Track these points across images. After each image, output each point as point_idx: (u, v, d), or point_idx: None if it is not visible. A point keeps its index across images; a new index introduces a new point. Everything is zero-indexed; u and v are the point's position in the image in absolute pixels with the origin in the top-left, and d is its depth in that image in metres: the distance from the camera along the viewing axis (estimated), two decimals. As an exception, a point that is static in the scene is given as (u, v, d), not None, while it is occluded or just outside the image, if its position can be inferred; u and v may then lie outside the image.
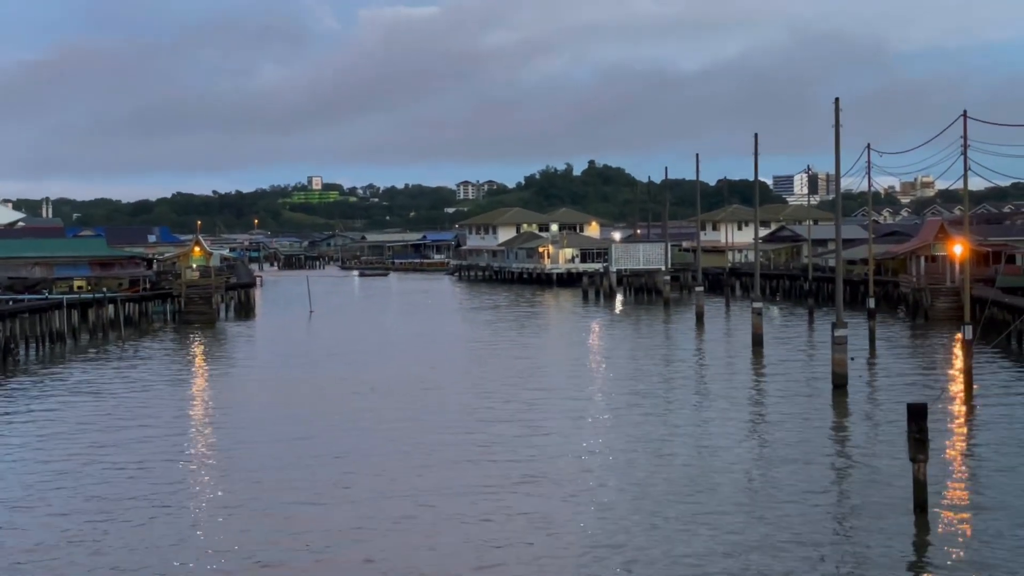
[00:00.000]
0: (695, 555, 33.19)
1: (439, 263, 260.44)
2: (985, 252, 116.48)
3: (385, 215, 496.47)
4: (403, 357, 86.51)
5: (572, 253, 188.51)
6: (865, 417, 56.68)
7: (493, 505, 39.42)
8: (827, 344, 70.78)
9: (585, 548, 34.00)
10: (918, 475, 36.65)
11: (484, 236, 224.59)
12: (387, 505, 39.47)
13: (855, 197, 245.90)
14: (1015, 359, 77.70)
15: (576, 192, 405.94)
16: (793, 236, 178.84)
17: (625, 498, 40.12)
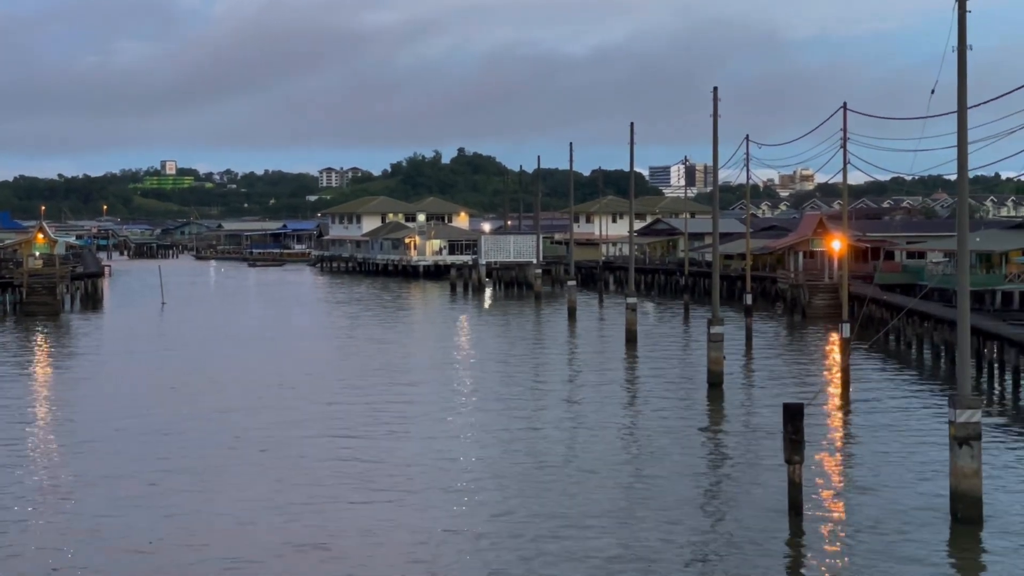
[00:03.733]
0: (564, 559, 31.51)
1: (300, 253, 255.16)
2: (864, 248, 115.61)
3: (243, 202, 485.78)
4: (256, 353, 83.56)
5: (440, 244, 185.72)
6: (740, 417, 55.11)
7: (336, 508, 37.12)
8: (703, 341, 68.94)
9: (443, 556, 31.97)
10: (793, 476, 35.53)
11: (348, 226, 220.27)
12: (208, 515, 37.07)
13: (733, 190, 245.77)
14: (893, 357, 76.41)
15: (445, 181, 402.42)
16: (669, 229, 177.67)
17: (493, 502, 38.09)
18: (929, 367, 71.52)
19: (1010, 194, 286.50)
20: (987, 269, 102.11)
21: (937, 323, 73.14)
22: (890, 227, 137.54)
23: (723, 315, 66.69)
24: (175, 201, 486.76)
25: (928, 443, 46.83)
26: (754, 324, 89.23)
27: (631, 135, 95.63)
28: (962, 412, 34.82)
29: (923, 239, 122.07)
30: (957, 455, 34.82)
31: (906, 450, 46.31)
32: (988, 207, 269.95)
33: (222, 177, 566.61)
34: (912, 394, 61.20)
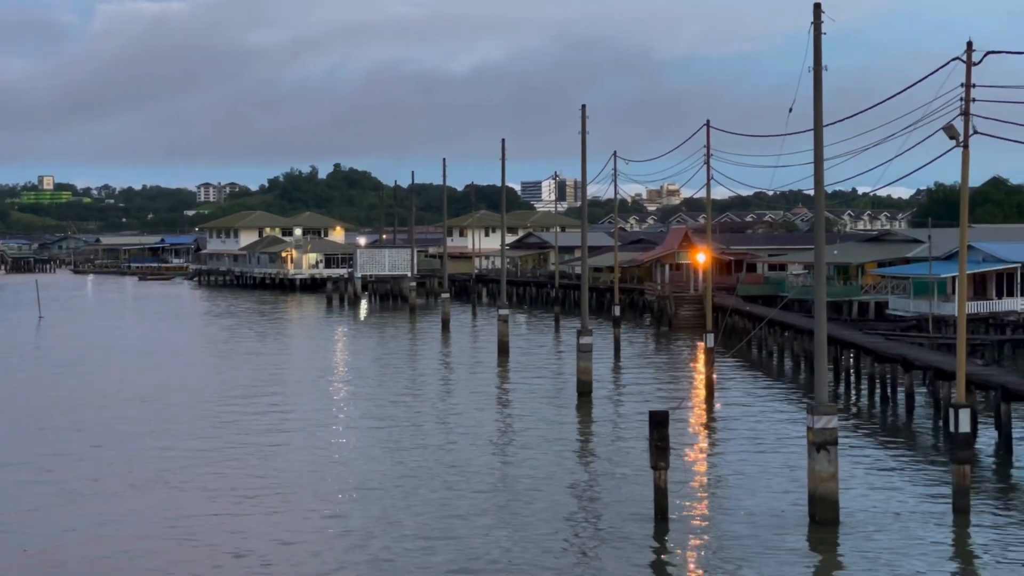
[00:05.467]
0: (433, 568, 32.13)
1: (178, 267, 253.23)
2: (728, 260, 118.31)
3: (121, 217, 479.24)
4: (131, 366, 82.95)
5: (316, 258, 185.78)
6: (609, 424, 56.43)
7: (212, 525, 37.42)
8: (573, 351, 70.23)
9: (314, 572, 32.48)
10: (659, 482, 36.61)
11: (225, 240, 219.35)
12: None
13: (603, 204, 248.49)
14: (755, 365, 78.60)
15: (322, 196, 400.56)
16: (540, 243, 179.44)
17: (362, 513, 38.72)
18: (789, 375, 73.77)
19: (866, 208, 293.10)
20: (844, 281, 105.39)
21: (796, 333, 75.56)
22: (753, 240, 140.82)
23: (592, 326, 68.00)
24: (53, 216, 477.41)
25: (788, 448, 48.46)
26: (622, 334, 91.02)
27: (503, 151, 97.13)
28: (819, 418, 36.42)
29: (784, 252, 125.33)
30: (814, 460, 36.36)
31: (767, 455, 47.90)
32: (846, 221, 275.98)
33: (100, 192, 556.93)
34: (773, 401, 63.17)
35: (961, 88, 37.92)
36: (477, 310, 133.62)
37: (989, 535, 35.57)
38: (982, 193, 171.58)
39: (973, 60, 37.83)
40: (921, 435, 53.23)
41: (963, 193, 40.00)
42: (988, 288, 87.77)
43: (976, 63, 37.78)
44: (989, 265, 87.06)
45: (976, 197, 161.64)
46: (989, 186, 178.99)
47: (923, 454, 48.58)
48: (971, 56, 37.84)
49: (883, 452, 48.97)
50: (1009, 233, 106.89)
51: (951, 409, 38.17)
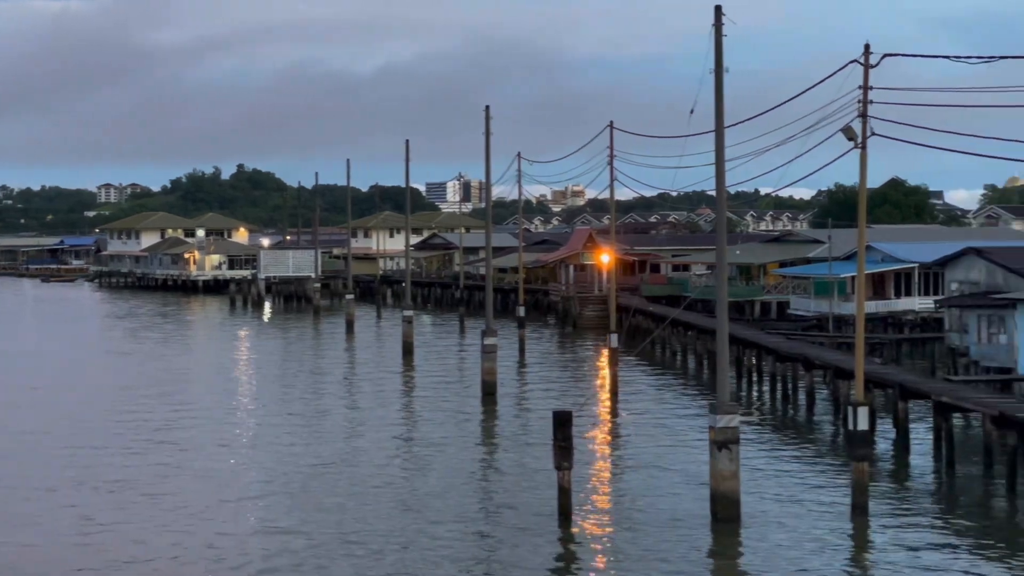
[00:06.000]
0: (340, 573, 32.10)
1: (78, 269, 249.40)
2: (632, 261, 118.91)
3: (19, 218, 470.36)
4: (26, 368, 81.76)
5: (219, 259, 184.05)
6: (513, 425, 56.62)
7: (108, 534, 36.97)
8: (478, 352, 70.32)
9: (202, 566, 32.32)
10: (562, 482, 36.78)
11: (126, 241, 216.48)
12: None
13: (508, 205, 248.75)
14: (659, 365, 79.16)
15: (225, 197, 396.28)
16: (445, 244, 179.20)
17: (265, 517, 38.52)
18: (692, 375, 74.41)
19: (768, 209, 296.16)
20: (747, 281, 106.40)
21: (699, 333, 76.19)
22: (657, 241, 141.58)
23: (497, 327, 68.13)
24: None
25: (691, 447, 48.92)
26: (527, 335, 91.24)
27: (407, 152, 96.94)
28: (721, 418, 36.82)
29: (687, 252, 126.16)
30: (716, 458, 36.76)
31: (670, 454, 48.33)
32: (748, 221, 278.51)
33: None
34: (676, 401, 63.71)
35: (859, 90, 38.42)
36: (382, 311, 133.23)
37: (886, 531, 36.13)
38: (881, 194, 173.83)
39: (871, 63, 38.34)
40: (821, 433, 53.92)
41: (861, 194, 40.53)
42: (887, 288, 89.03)
43: (874, 65, 38.29)
44: (888, 265, 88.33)
45: (875, 198, 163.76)
46: (888, 187, 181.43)
47: (823, 452, 49.20)
48: (868, 59, 38.35)
49: (784, 450, 49.54)
50: (907, 233, 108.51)
51: (850, 407, 38.70)
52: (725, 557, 34.08)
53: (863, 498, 37.84)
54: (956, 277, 72.89)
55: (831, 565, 32.79)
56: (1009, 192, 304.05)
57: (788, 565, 32.59)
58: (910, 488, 42.78)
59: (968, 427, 51.65)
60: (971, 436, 49.97)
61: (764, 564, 32.82)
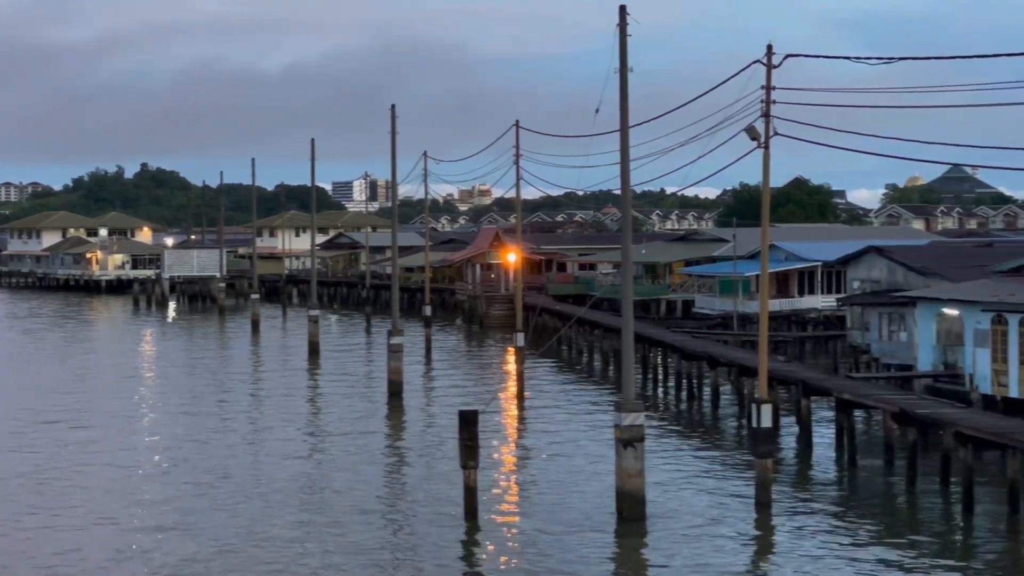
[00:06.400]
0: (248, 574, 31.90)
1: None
2: (539, 260, 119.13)
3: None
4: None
5: (122, 259, 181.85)
6: (420, 424, 56.50)
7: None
8: (384, 352, 70.11)
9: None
10: (468, 482, 36.76)
11: (27, 241, 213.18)
12: None
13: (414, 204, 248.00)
14: (565, 364, 79.40)
15: (128, 196, 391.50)
16: (352, 243, 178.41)
17: (165, 523, 38.02)
18: (598, 373, 74.70)
19: (674, 208, 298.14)
20: (653, 280, 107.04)
21: (605, 331, 76.49)
22: (563, 240, 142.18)
23: (404, 326, 67.99)
24: None
25: (596, 445, 49.02)
26: (434, 334, 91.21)
27: (312, 151, 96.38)
28: (626, 416, 36.91)
29: (594, 251, 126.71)
30: (622, 457, 36.85)
31: (576, 453, 48.47)
32: (654, 221, 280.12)
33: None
34: (582, 399, 63.88)
35: (762, 90, 38.73)
36: (288, 311, 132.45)
37: (790, 527, 36.45)
38: (785, 193, 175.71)
39: (773, 63, 38.66)
40: (726, 430, 54.35)
41: (764, 193, 40.87)
42: (791, 286, 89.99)
43: (776, 66, 38.62)
44: (791, 264, 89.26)
45: (779, 197, 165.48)
46: (792, 187, 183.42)
47: (728, 449, 49.57)
48: (771, 59, 38.67)
49: (689, 448, 49.87)
50: (810, 232, 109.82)
51: (753, 405, 39.02)
52: (630, 555, 34.19)
53: (766, 494, 38.18)
54: (858, 275, 73.79)
55: (735, 561, 33.02)
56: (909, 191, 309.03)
57: (692, 562, 32.76)
58: (813, 484, 43.23)
59: (870, 423, 52.31)
60: (873, 432, 50.64)
61: (669, 561, 32.96)
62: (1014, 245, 78.75)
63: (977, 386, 50.04)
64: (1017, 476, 37.15)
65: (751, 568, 32.92)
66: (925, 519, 38.11)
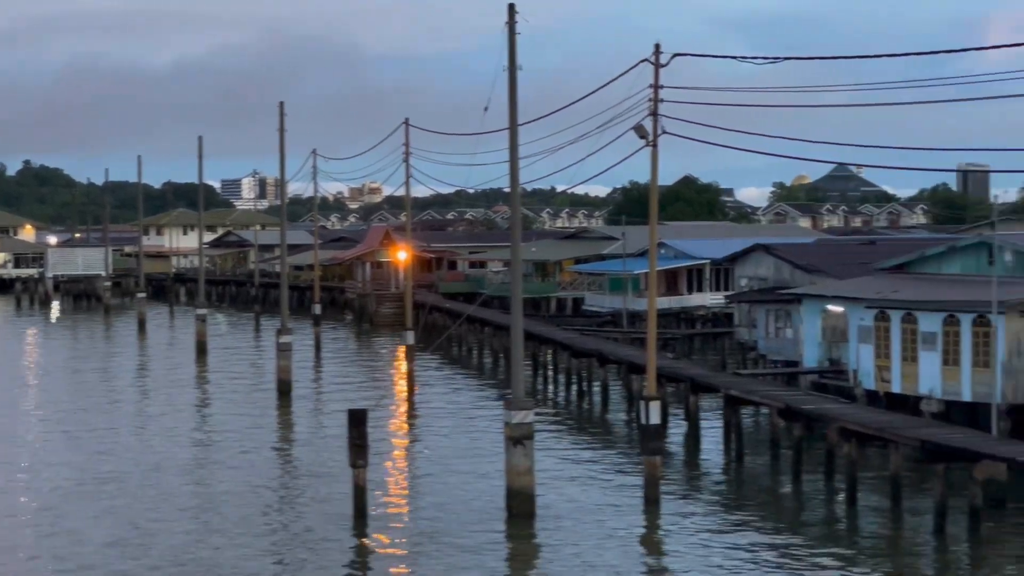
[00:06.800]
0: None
1: None
2: (429, 258, 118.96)
3: None
4: None
5: (4, 258, 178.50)
6: (309, 423, 56.19)
7: None
8: (273, 351, 69.61)
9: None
10: (358, 481, 36.62)
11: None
12: None
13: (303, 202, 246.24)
14: (456, 362, 79.34)
15: (10, 194, 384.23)
16: (240, 241, 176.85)
17: (51, 525, 37.45)
18: (489, 371, 74.74)
19: (564, 206, 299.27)
20: (543, 278, 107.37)
21: (495, 329, 76.55)
22: (454, 238, 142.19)
23: (293, 325, 67.53)
24: None
25: (486, 443, 49.10)
26: (323, 333, 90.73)
27: (200, 148, 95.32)
28: (516, 414, 36.98)
29: (484, 249, 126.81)
30: (511, 454, 36.91)
31: (466, 450, 48.48)
32: (544, 219, 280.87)
33: None
34: (472, 397, 63.88)
35: (650, 89, 38.94)
36: (175, 310, 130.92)
37: (678, 523, 36.72)
38: (674, 192, 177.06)
39: (661, 62, 38.89)
40: (615, 427, 54.63)
41: (652, 191, 41.12)
42: (679, 284, 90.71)
43: (664, 65, 38.85)
44: (680, 262, 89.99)
45: (668, 195, 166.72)
46: (680, 185, 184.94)
47: (617, 446, 49.82)
48: (659, 58, 38.90)
49: (579, 445, 50.05)
50: (699, 230, 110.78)
51: (642, 402, 39.25)
52: (520, 552, 34.25)
53: (655, 491, 38.41)
54: (745, 273, 74.60)
55: (624, 557, 33.17)
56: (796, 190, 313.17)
57: (581, 558, 32.86)
58: (701, 480, 43.61)
59: (757, 419, 52.86)
60: (759, 428, 51.16)
61: (557, 558, 33.05)
62: (897, 243, 80.00)
63: (861, 382, 50.81)
64: (899, 470, 37.79)
65: (640, 564, 33.10)
66: (810, 513, 38.61)
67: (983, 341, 45.11)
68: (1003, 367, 44.53)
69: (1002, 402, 43.95)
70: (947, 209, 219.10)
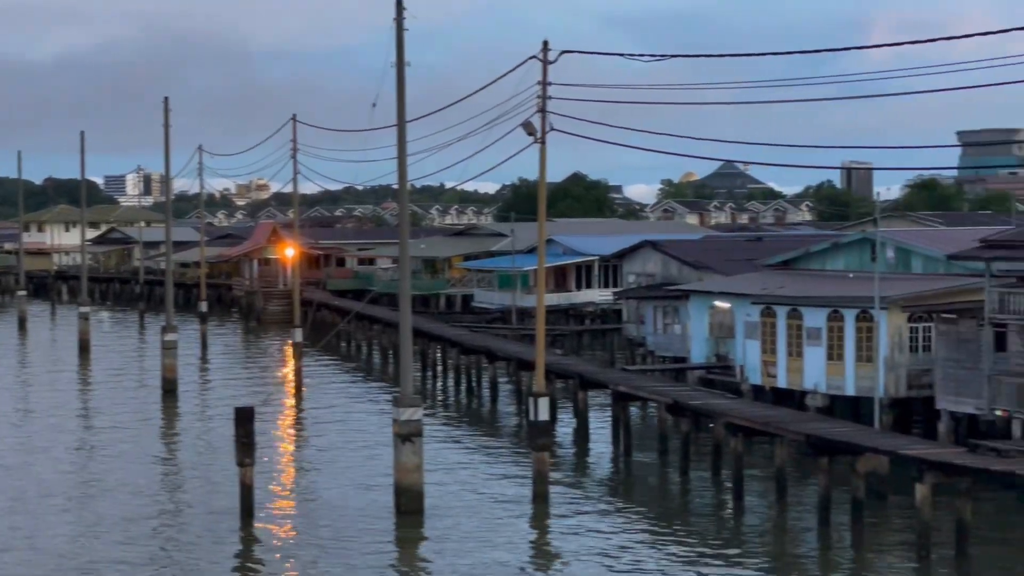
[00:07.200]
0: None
1: None
2: (317, 255, 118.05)
3: None
4: None
5: None
6: (195, 422, 55.55)
7: None
8: (158, 349, 68.64)
9: None
10: (244, 479, 36.28)
11: None
12: None
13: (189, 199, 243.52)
14: (345, 359, 78.93)
15: None
16: (124, 238, 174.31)
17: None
18: (378, 368, 74.44)
19: (454, 203, 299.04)
20: (432, 274, 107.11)
21: (384, 326, 76.22)
22: (342, 235, 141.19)
23: (179, 323, 66.73)
24: None
25: (376, 441, 48.70)
26: (210, 331, 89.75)
27: (82, 144, 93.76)
28: (404, 411, 36.86)
29: (373, 246, 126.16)
30: (400, 451, 36.78)
31: (355, 448, 48.24)
32: (433, 215, 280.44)
33: None
34: (361, 395, 63.58)
35: (539, 86, 38.96)
36: (57, 308, 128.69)
37: (566, 518, 36.81)
38: (563, 188, 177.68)
39: (549, 59, 38.92)
40: (504, 424, 54.67)
41: (540, 188, 41.17)
42: (568, 280, 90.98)
43: (552, 62, 38.89)
44: (569, 258, 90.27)
45: (557, 192, 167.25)
46: (569, 182, 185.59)
47: (506, 442, 49.86)
48: (547, 55, 38.93)
49: (468, 442, 50.03)
50: (588, 227, 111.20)
51: (531, 398, 39.27)
52: (407, 549, 34.17)
53: (543, 487, 38.45)
54: (634, 269, 74.99)
55: (512, 553, 33.18)
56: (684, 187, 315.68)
57: (470, 555, 32.82)
58: (590, 475, 43.77)
59: (645, 415, 53.19)
60: (648, 424, 51.49)
61: (446, 554, 32.98)
62: (783, 240, 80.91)
63: (747, 377, 51.32)
64: (784, 464, 38.21)
65: (528, 559, 33.12)
66: (698, 507, 38.94)
67: (866, 336, 45.80)
68: (885, 362, 45.26)
69: (884, 396, 44.70)
70: (832, 206, 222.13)
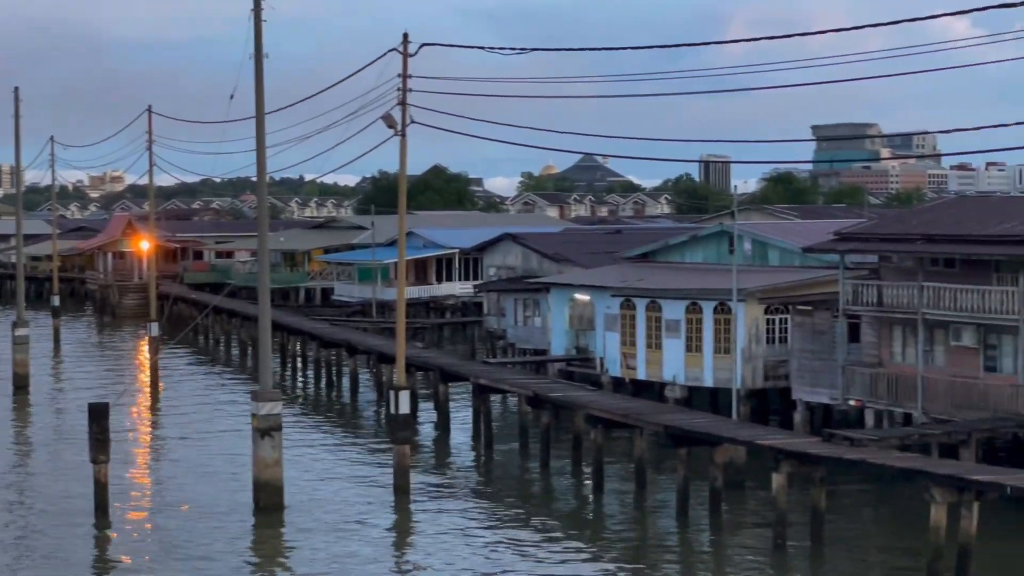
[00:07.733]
0: None
1: None
2: (174, 248, 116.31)
3: None
4: None
5: None
6: (47, 419, 54.51)
7: None
8: (8, 344, 67.06)
9: None
10: (99, 476, 35.74)
11: None
12: None
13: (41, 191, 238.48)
14: (203, 354, 77.98)
15: None
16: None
17: None
18: (237, 362, 73.64)
19: (314, 195, 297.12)
20: (291, 267, 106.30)
21: (243, 320, 75.42)
22: (200, 228, 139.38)
23: (30, 317, 65.34)
24: None
25: (234, 436, 48.25)
26: (62, 325, 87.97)
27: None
28: (263, 405, 36.50)
29: (231, 239, 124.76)
30: (259, 446, 36.41)
31: (213, 443, 47.69)
32: (293, 208, 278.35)
33: None
34: (220, 389, 62.85)
35: (399, 78, 38.80)
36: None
37: (427, 511, 36.76)
38: (423, 181, 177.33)
39: (410, 52, 38.79)
40: (365, 417, 54.45)
41: (401, 180, 41.03)
42: (428, 273, 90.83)
43: (412, 54, 38.77)
44: (429, 251, 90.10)
45: (417, 184, 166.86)
46: (430, 174, 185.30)
47: (367, 436, 49.66)
48: (407, 47, 38.79)
49: (328, 436, 49.77)
50: (449, 220, 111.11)
51: (391, 391, 39.14)
52: (266, 545, 33.88)
53: (404, 480, 38.35)
54: (494, 262, 75.14)
55: (372, 547, 33.07)
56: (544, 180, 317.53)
57: (330, 550, 32.62)
58: (451, 468, 43.75)
59: (506, 407, 53.29)
60: (508, 416, 51.58)
61: (306, 549, 32.76)
62: (642, 232, 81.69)
63: (607, 369, 51.71)
64: (643, 454, 38.56)
65: (388, 553, 33.06)
66: (558, 499, 39.13)
67: (724, 328, 46.42)
68: (743, 353, 45.92)
69: (742, 387, 45.35)
70: (690, 199, 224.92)
